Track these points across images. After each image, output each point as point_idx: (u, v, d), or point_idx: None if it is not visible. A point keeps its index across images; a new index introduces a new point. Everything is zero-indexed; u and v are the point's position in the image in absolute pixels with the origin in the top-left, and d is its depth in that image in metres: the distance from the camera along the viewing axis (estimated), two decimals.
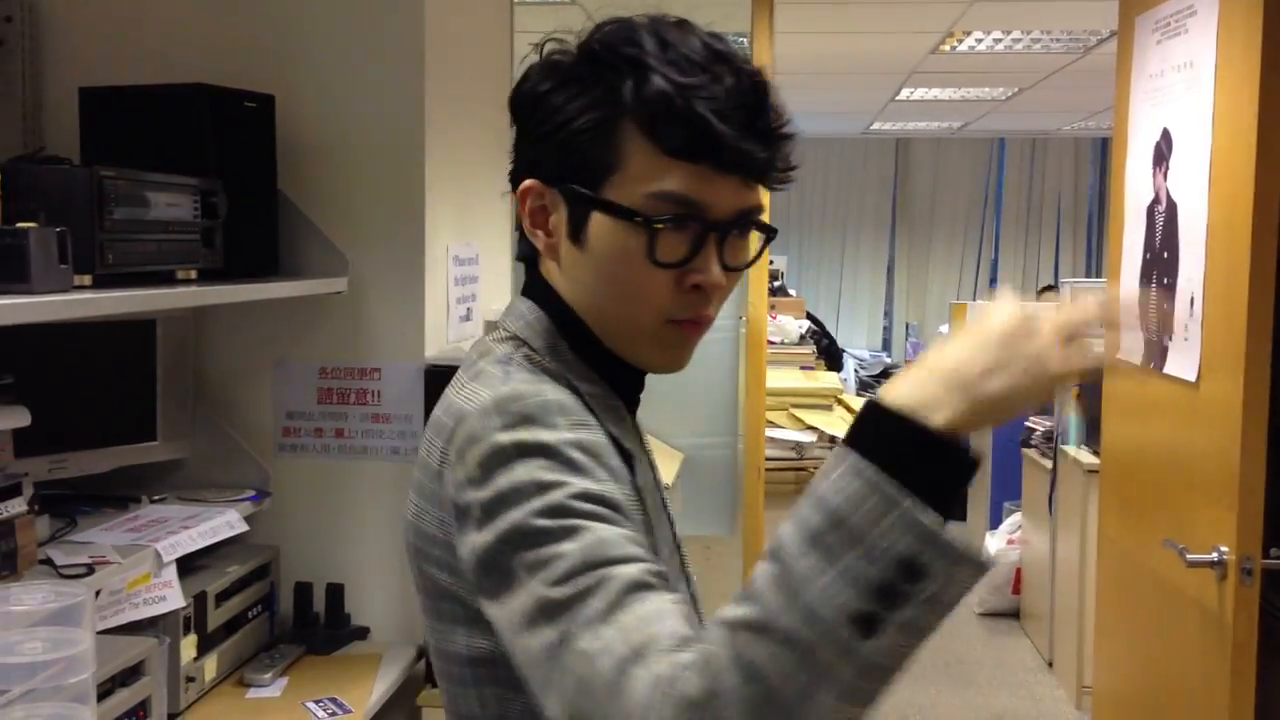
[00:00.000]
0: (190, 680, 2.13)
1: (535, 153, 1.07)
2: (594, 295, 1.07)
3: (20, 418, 1.88)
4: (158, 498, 2.33)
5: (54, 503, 2.11)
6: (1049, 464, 4.97)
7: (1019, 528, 5.66)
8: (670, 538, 1.15)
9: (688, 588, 1.16)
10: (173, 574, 2.06)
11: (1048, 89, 7.68)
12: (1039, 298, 8.18)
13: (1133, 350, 2.78)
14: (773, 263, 6.65)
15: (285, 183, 2.40)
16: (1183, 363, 2.49)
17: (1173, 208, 2.56)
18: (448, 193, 2.64)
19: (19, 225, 1.58)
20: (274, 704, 2.21)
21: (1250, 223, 2.20)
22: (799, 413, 3.97)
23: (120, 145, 2.16)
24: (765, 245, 1.12)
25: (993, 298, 0.90)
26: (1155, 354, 2.64)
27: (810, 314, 6.37)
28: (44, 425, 1.94)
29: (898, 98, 8.17)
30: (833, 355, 7.06)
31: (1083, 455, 4.57)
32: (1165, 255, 2.60)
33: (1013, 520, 5.82)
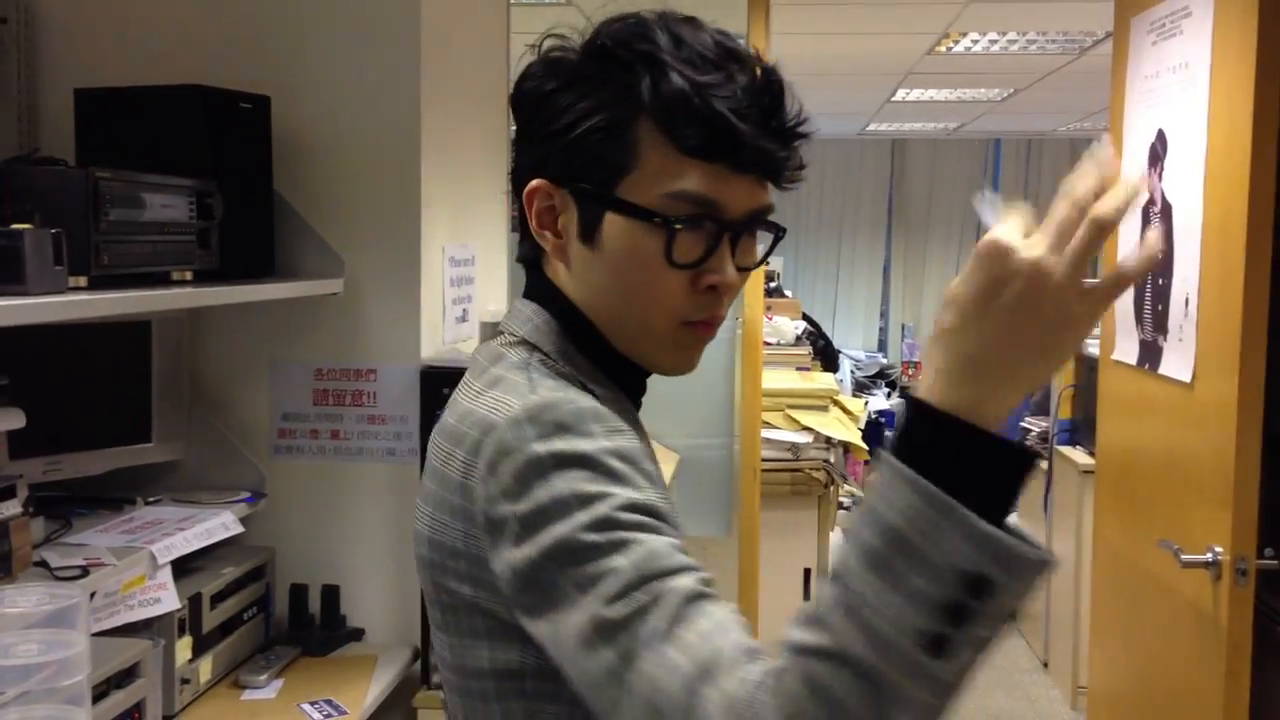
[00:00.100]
0: (185, 682, 2.13)
1: (541, 152, 1.05)
2: (606, 297, 1.05)
3: (15, 419, 1.88)
4: (153, 499, 2.33)
5: (49, 504, 2.11)
6: (1044, 464, 4.98)
7: None
8: None
9: None
10: (168, 576, 2.06)
11: (1043, 90, 7.68)
12: None
13: (1128, 351, 2.78)
14: (769, 264, 6.64)
15: (281, 184, 2.40)
16: (1178, 363, 2.49)
17: (1168, 209, 2.57)
18: (443, 194, 2.64)
19: (14, 226, 1.58)
20: (269, 706, 2.21)
21: (1245, 223, 2.21)
22: (795, 413, 3.97)
23: (116, 146, 2.16)
24: (774, 244, 1.10)
25: (994, 235, 0.80)
26: (1150, 354, 2.64)
27: (806, 315, 6.35)
28: (39, 427, 1.94)
29: (894, 99, 8.17)
30: (829, 356, 7.04)
31: (1078, 455, 4.58)
32: (1160, 256, 2.60)
33: (1008, 521, 5.82)
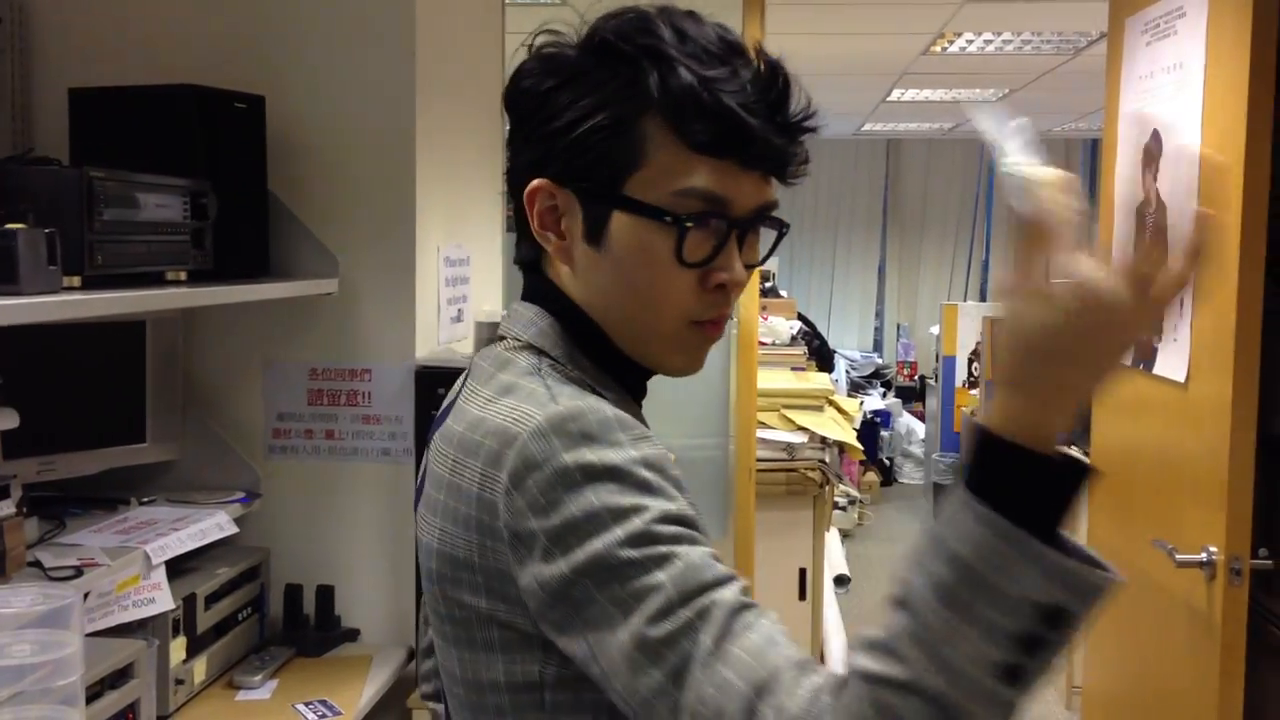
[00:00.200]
0: (179, 682, 2.13)
1: (541, 152, 1.02)
2: (612, 298, 1.03)
3: (9, 419, 1.88)
4: (147, 499, 2.32)
5: (43, 505, 2.11)
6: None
7: None
8: None
9: None
10: (162, 576, 2.06)
11: (1038, 90, 7.69)
12: None
13: None
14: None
15: (275, 183, 2.40)
16: (1172, 363, 2.50)
17: (1162, 209, 2.57)
18: (439, 194, 2.63)
19: (8, 226, 1.58)
20: (264, 706, 2.21)
21: (1239, 224, 2.21)
22: (790, 414, 3.97)
23: (110, 146, 2.16)
24: (778, 241, 1.07)
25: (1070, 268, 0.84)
26: (1144, 355, 2.65)
27: (801, 315, 6.35)
28: (33, 427, 1.94)
29: (889, 99, 8.17)
30: (824, 356, 7.05)
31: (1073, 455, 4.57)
32: (1154, 256, 2.60)
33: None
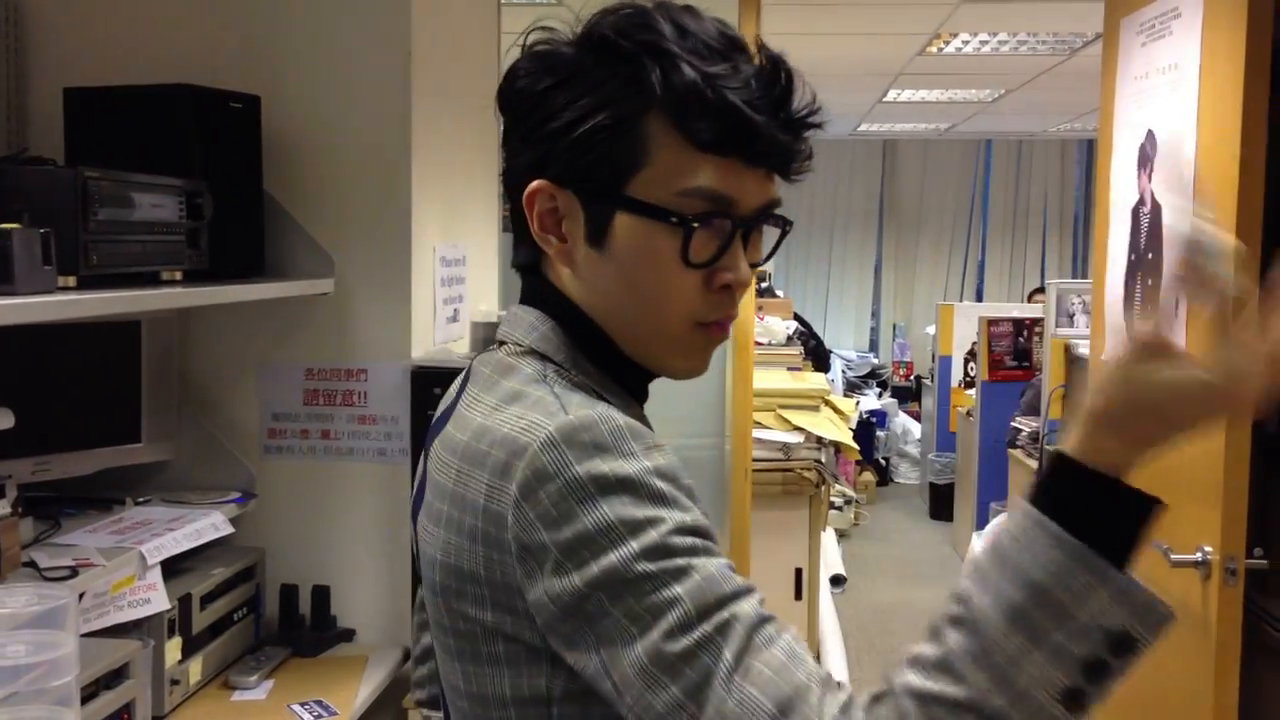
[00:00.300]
0: (175, 683, 2.13)
1: (540, 153, 0.99)
2: (616, 301, 1.00)
3: (4, 420, 1.87)
4: (142, 500, 2.32)
5: (38, 505, 2.11)
6: (1035, 464, 4.99)
7: None
8: None
9: None
10: (157, 576, 2.05)
11: (1034, 91, 7.70)
12: (1029, 300, 8.21)
13: (1117, 351, 2.78)
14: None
15: (271, 183, 2.40)
16: None
17: (1157, 209, 2.57)
18: (434, 193, 2.63)
19: (2, 226, 1.57)
20: (259, 706, 2.20)
21: (1233, 224, 2.21)
22: (786, 413, 3.97)
23: (105, 146, 2.16)
24: (781, 239, 1.06)
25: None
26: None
27: (797, 315, 6.36)
28: (28, 427, 1.93)
29: (885, 99, 8.18)
30: (820, 356, 7.05)
31: None
32: (1150, 256, 2.61)
33: (999, 520, 5.83)
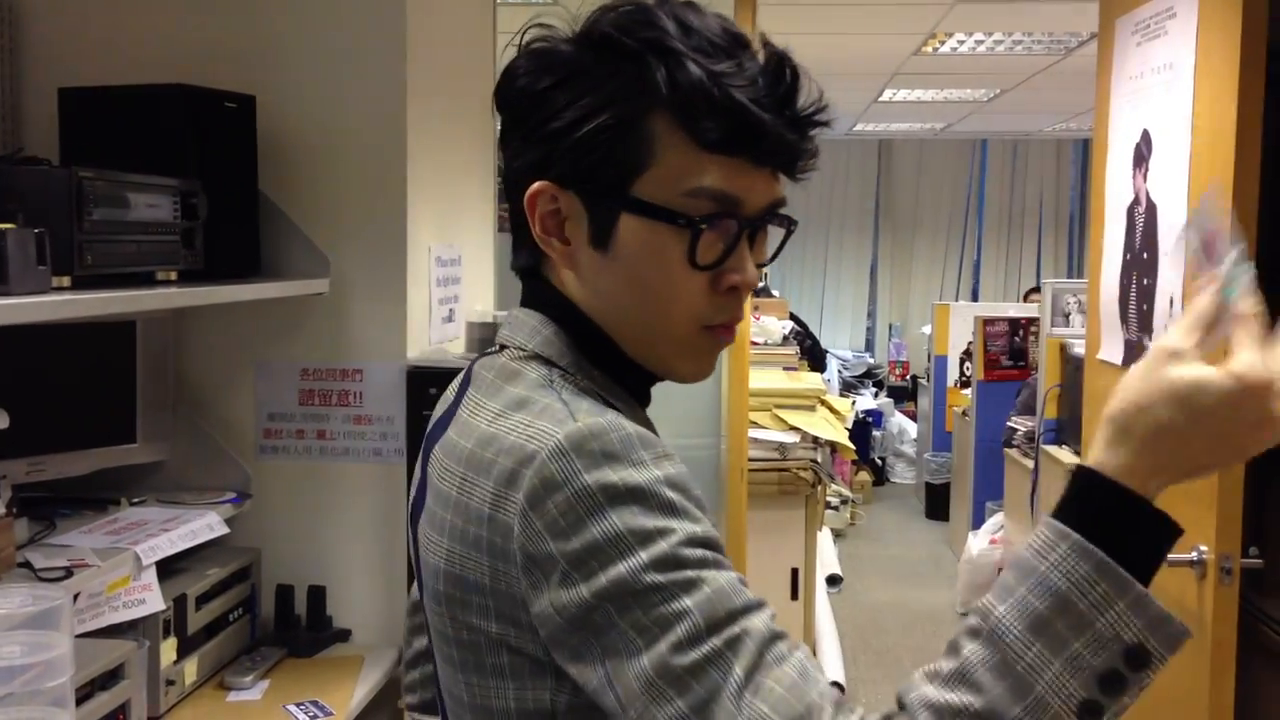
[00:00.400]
0: (170, 683, 2.13)
1: (541, 153, 0.97)
2: (621, 304, 0.98)
3: None
4: (137, 500, 2.32)
5: (32, 505, 2.11)
6: (1031, 464, 4.99)
7: (1001, 528, 5.68)
8: None
9: None
10: (152, 577, 2.05)
11: (1029, 90, 7.71)
12: (1025, 299, 8.22)
13: (1113, 351, 2.79)
14: None
15: (266, 183, 2.39)
16: None
17: (1152, 209, 2.58)
18: (430, 193, 2.63)
19: None
20: (255, 707, 2.20)
21: (1227, 225, 2.21)
22: (782, 413, 3.97)
23: (100, 146, 2.15)
24: (787, 238, 1.03)
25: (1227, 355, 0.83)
26: (1135, 355, 2.65)
27: (793, 315, 6.37)
28: (23, 427, 1.93)
29: (880, 99, 8.19)
30: (816, 356, 7.06)
31: (1064, 455, 4.59)
32: (1145, 256, 2.61)
33: (995, 520, 5.84)
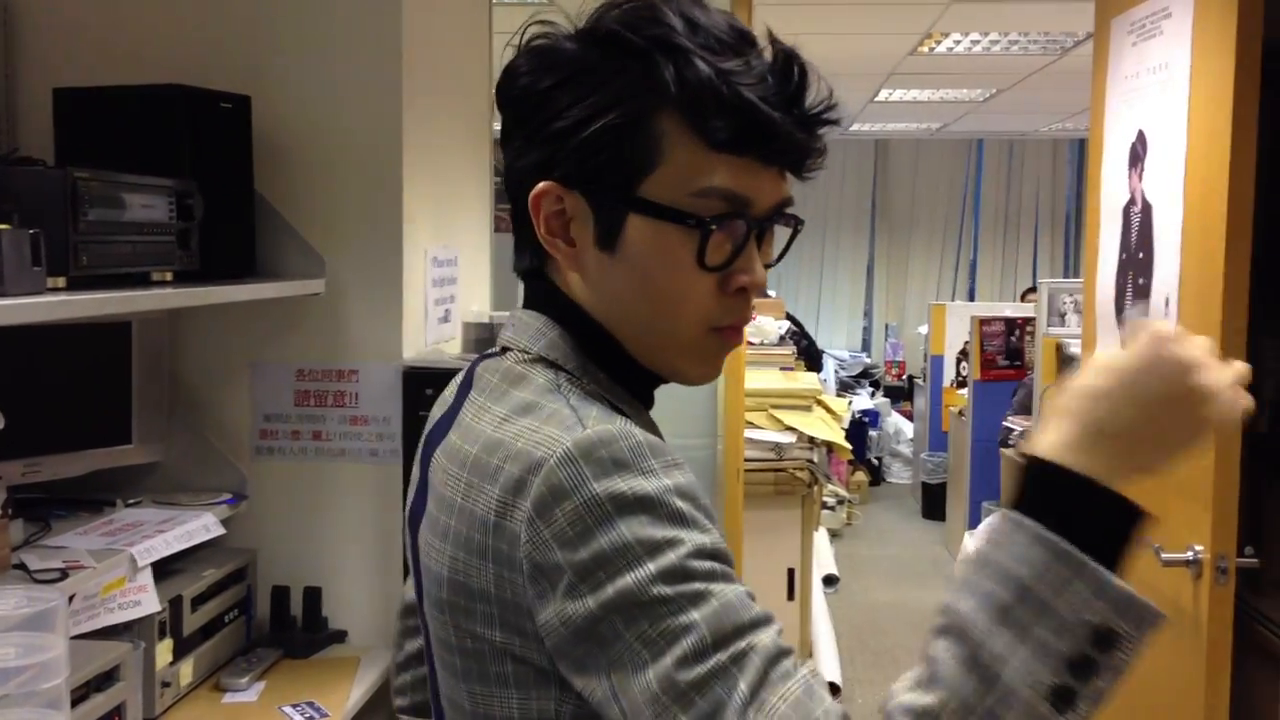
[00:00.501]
0: (166, 685, 2.12)
1: (546, 153, 0.96)
2: (628, 306, 0.97)
3: None
4: (133, 501, 2.32)
5: (28, 506, 2.10)
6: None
7: None
8: None
9: None
10: (148, 578, 2.05)
11: (1025, 90, 7.72)
12: (1022, 299, 8.23)
13: (1109, 350, 2.79)
14: None
15: (262, 184, 2.39)
16: None
17: (1148, 209, 2.58)
18: (426, 194, 2.63)
19: None
20: (251, 708, 2.20)
21: (1224, 224, 2.22)
22: (778, 413, 3.97)
23: (95, 146, 2.15)
24: (793, 238, 1.02)
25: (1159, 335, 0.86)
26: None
27: (790, 315, 6.37)
28: (18, 428, 1.92)
29: (877, 99, 8.19)
30: (812, 356, 7.07)
31: None
32: (1141, 256, 2.61)
33: (983, 525, 5.84)
